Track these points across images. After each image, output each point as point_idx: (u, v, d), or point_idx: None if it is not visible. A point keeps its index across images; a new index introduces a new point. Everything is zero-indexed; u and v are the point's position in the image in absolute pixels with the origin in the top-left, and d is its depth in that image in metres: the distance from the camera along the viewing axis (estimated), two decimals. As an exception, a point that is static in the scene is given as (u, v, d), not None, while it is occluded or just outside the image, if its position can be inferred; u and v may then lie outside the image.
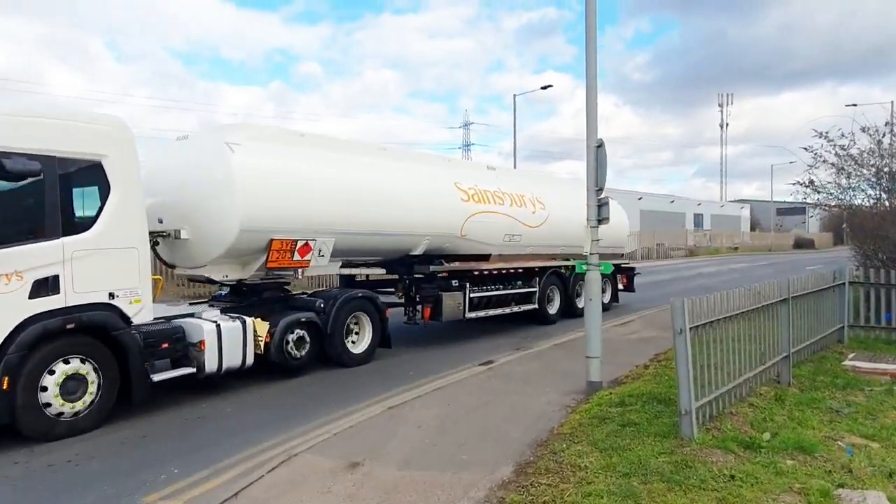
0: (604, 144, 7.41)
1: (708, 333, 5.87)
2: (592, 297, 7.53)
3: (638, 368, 8.74)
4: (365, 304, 9.33)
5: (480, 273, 11.43)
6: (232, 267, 8.29)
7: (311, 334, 8.56)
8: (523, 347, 10.69)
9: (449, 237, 10.79)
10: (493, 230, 11.64)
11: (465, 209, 10.97)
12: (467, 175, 11.61)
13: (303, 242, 8.38)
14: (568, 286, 13.78)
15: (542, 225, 12.96)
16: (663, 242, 46.86)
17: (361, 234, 9.30)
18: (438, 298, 10.54)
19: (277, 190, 8.08)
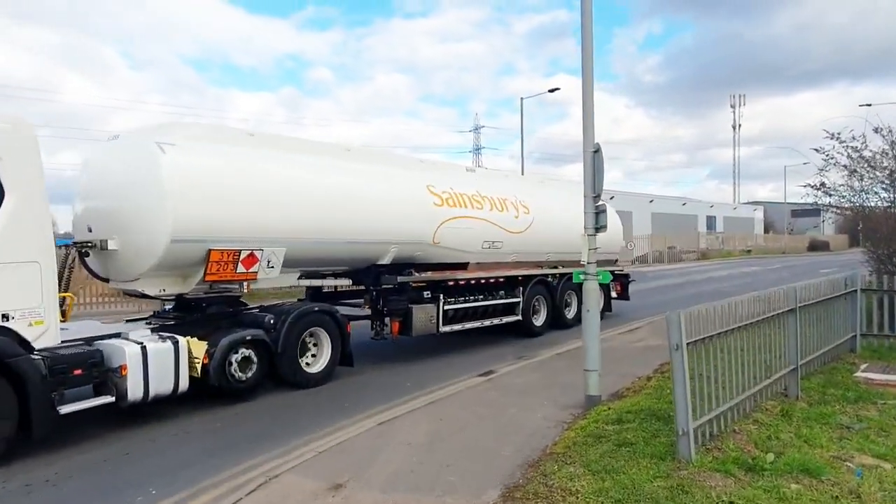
0: (601, 150, 6.96)
1: (708, 347, 5.51)
2: (590, 308, 7.08)
3: (640, 380, 8.29)
4: (322, 318, 8.51)
5: (456, 283, 10.59)
6: (169, 280, 7.48)
7: (259, 354, 7.75)
8: (526, 356, 10.35)
9: (420, 245, 9.97)
10: (470, 237, 10.81)
11: (438, 214, 10.15)
12: (442, 178, 10.79)
13: (247, 253, 7.57)
14: (556, 296, 12.92)
15: (527, 230, 12.12)
16: (675, 245, 46.04)
17: (318, 242, 8.49)
18: (408, 311, 9.71)
19: (217, 194, 7.28)
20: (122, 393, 6.38)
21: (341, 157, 9.37)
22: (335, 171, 8.92)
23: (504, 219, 11.57)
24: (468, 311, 10.89)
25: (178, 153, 7.06)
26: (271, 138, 8.61)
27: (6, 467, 5.53)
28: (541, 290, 12.58)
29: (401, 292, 9.77)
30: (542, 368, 9.41)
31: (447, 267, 10.68)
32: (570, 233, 13.36)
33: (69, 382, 6.04)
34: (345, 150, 9.52)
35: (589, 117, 7.12)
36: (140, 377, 6.45)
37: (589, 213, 7.05)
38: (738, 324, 5.98)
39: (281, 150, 8.47)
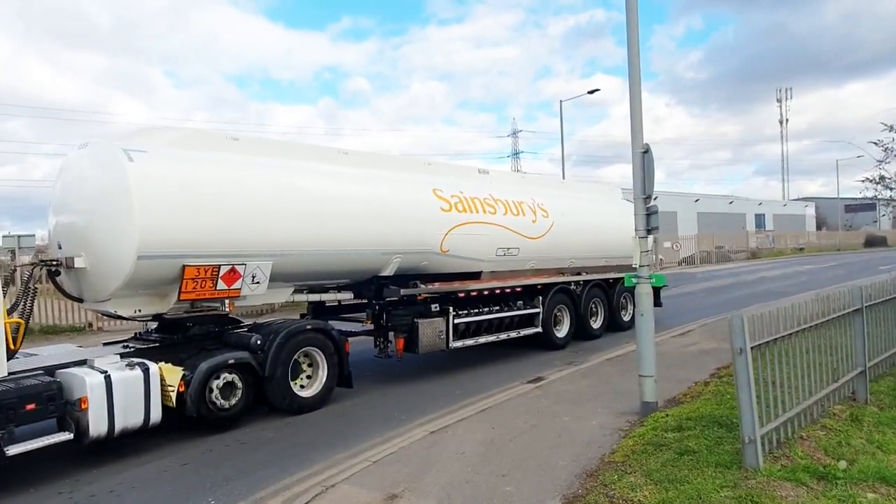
0: (650, 150, 6.77)
1: (773, 350, 5.30)
2: (644, 312, 6.83)
3: (697, 386, 7.97)
4: (316, 337, 7.79)
5: (468, 294, 9.77)
6: (144, 300, 6.86)
7: (244, 378, 7.07)
8: (575, 362, 10.17)
9: (426, 254, 9.19)
10: (482, 243, 9.98)
11: (445, 220, 9.36)
12: (450, 181, 10.00)
13: (228, 268, 6.90)
14: (579, 305, 11.98)
15: (546, 235, 11.24)
16: (723, 245, 44.61)
17: (311, 254, 7.78)
18: (413, 326, 8.93)
19: (193, 205, 6.62)
20: (82, 428, 5.75)
21: (337, 161, 8.66)
22: (329, 177, 8.21)
23: (520, 223, 10.71)
24: (481, 325, 10.06)
25: (147, 161, 6.43)
26: (259, 143, 7.95)
27: (73, 479, 5.67)
28: (563, 298, 11.67)
29: (405, 306, 9.00)
30: (592, 374, 9.13)
31: (457, 277, 9.88)
32: (594, 236, 12.47)
33: (21, 419, 5.42)
34: (341, 154, 8.81)
35: (637, 117, 6.82)
36: (103, 410, 5.81)
37: (640, 215, 6.80)
38: (803, 325, 5.70)
39: (269, 156, 7.80)
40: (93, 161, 6.61)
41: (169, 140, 7.03)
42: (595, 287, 12.49)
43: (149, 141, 6.84)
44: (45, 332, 14.81)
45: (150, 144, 6.74)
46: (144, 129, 7.28)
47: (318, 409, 7.77)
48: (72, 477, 5.77)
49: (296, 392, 7.57)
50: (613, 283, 13.14)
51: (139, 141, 6.82)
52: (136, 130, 7.28)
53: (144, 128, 7.32)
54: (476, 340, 9.91)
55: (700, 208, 50.62)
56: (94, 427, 5.76)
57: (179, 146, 7.01)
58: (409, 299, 9.02)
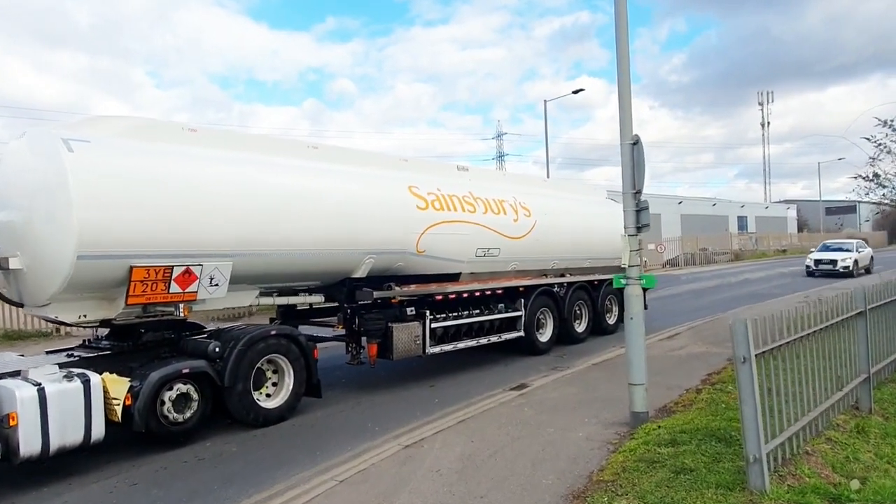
0: (640, 141, 6.31)
1: (776, 358, 4.88)
2: (634, 315, 6.40)
3: (689, 393, 7.56)
4: (281, 344, 7.25)
5: (446, 297, 9.28)
6: (90, 304, 6.27)
7: (201, 389, 6.52)
8: (559, 367, 9.83)
9: (401, 254, 8.69)
10: (461, 243, 9.50)
11: (422, 219, 8.86)
12: (427, 178, 9.51)
13: (182, 269, 6.34)
14: (563, 308, 11.54)
15: (528, 235, 10.79)
16: (706, 247, 44.59)
17: (276, 254, 7.25)
18: (387, 331, 8.41)
19: (142, 201, 6.06)
20: (12, 447, 5.16)
21: (305, 155, 8.13)
22: (296, 172, 7.68)
23: (501, 222, 10.25)
24: (461, 329, 9.57)
25: (90, 152, 5.86)
26: (219, 135, 7.40)
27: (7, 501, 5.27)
28: (546, 301, 11.22)
29: (379, 309, 8.48)
30: (578, 381, 8.69)
31: (435, 279, 9.39)
32: (579, 237, 12.06)
33: (-63, 437, 4.83)
34: (309, 149, 8.28)
35: (626, 107, 6.37)
36: (36, 427, 5.23)
37: (629, 211, 6.38)
38: (808, 330, 5.36)
39: (230, 149, 7.26)
40: (31, 152, 6.02)
41: (117, 130, 6.46)
42: (579, 289, 12.07)
43: (94, 131, 6.27)
44: (10, 338, 14.05)
45: (96, 134, 6.18)
46: (93, 119, 6.71)
47: (285, 420, 7.23)
48: (7, 500, 5.21)
49: (259, 403, 7.03)
50: (598, 285, 12.73)
51: (84, 131, 6.25)
52: (83, 120, 6.71)
53: (93, 117, 6.75)
54: (455, 345, 9.42)
55: (684, 210, 50.67)
56: (25, 445, 5.17)
57: (129, 137, 6.45)
58: (383, 302, 8.52)
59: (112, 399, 5.78)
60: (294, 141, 8.24)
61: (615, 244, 13.61)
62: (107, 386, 5.76)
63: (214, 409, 6.76)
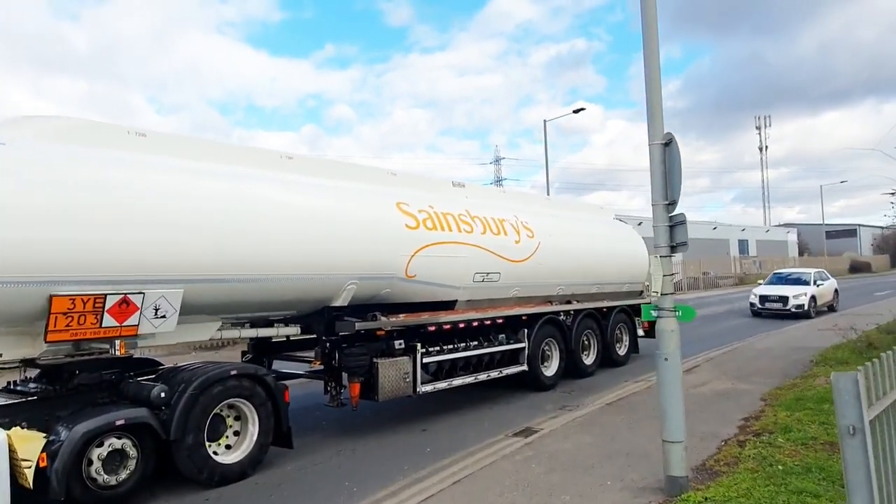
0: (674, 141, 5.20)
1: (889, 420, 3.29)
2: (669, 356, 5.13)
3: (729, 446, 6.24)
4: (243, 386, 6.13)
5: (440, 328, 8.18)
6: (7, 340, 5.17)
7: (141, 443, 5.39)
8: (569, 406, 8.73)
9: (388, 279, 7.62)
10: (456, 267, 8.44)
11: (412, 239, 7.82)
12: (418, 194, 8.50)
13: (117, 298, 5.25)
14: (570, 338, 10.44)
15: (531, 258, 9.74)
16: (709, 271, 43.51)
17: (238, 279, 6.17)
18: (372, 368, 7.30)
19: (68, 214, 5.01)
20: None
21: (278, 166, 7.11)
22: (265, 185, 6.65)
23: (501, 244, 9.20)
24: (456, 364, 8.46)
25: (5, 156, 4.83)
26: (174, 140, 6.37)
27: None
28: (551, 331, 10.12)
29: (363, 343, 7.38)
30: (592, 426, 7.45)
31: (427, 307, 8.30)
32: (586, 260, 11.03)
33: None
34: (283, 159, 7.27)
35: (654, 97, 5.24)
36: (-88, 501, 4.10)
37: (661, 227, 5.23)
38: None
39: (186, 157, 6.23)
40: (-66, 156, 4.98)
41: (46, 132, 5.43)
42: (587, 317, 10.99)
43: (16, 132, 5.25)
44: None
45: (16, 136, 5.15)
46: (17, 119, 5.68)
47: (248, 476, 6.09)
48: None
49: (216, 458, 5.88)
50: (607, 313, 11.66)
51: (4, 132, 5.22)
52: (6, 119, 5.69)
53: (19, 116, 5.73)
54: (450, 383, 8.29)
55: (684, 234, 49.94)
56: None
57: (60, 140, 5.42)
58: (368, 334, 7.41)
59: (21, 461, 4.64)
60: (264, 150, 7.23)
61: (625, 268, 12.62)
62: (14, 444, 4.63)
63: (163, 465, 5.63)
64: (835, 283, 22.54)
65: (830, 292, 22.00)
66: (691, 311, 5.17)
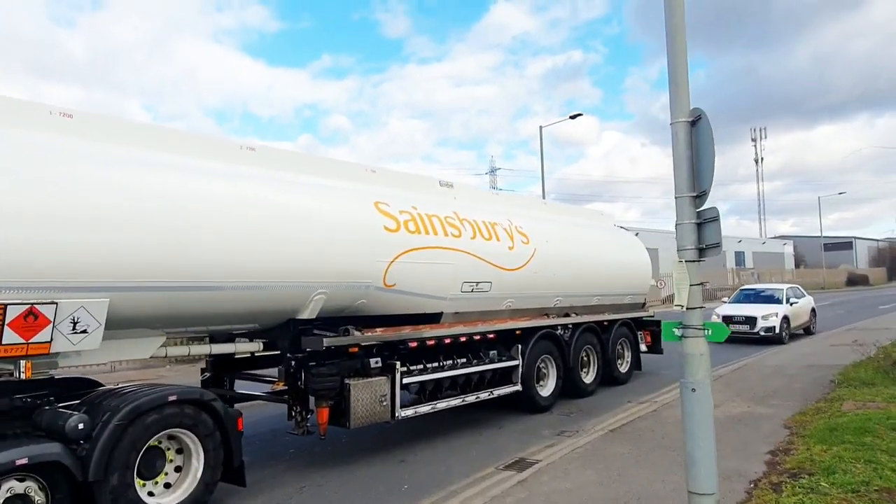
0: (704, 118, 4.11)
1: None
2: (698, 385, 4.19)
3: (762, 490, 5.15)
4: (185, 414, 5.17)
5: (422, 344, 7.25)
6: None
7: (52, 485, 4.43)
8: (567, 432, 7.81)
9: (363, 288, 6.70)
10: (442, 275, 7.53)
11: (391, 243, 6.91)
12: (400, 193, 7.61)
13: (21, 309, 4.32)
14: (568, 355, 9.53)
15: (526, 266, 8.84)
16: (706, 282, 42.77)
17: (183, 287, 5.25)
18: (344, 390, 6.36)
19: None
20: None
21: (235, 158, 6.21)
22: (218, 179, 5.73)
23: (493, 250, 8.30)
24: (441, 384, 7.54)
25: None
26: (109, 123, 5.44)
27: None
28: (548, 347, 9.20)
29: (333, 361, 6.44)
30: (596, 458, 6.42)
31: (409, 320, 7.38)
32: (586, 270, 10.15)
33: None
34: (243, 150, 6.36)
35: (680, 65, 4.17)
36: None
37: (687, 225, 4.21)
38: None
39: (119, 143, 5.32)
40: None
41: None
42: (587, 332, 10.08)
43: None
44: None
45: None
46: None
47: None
48: None
49: (149, 501, 4.93)
50: (608, 327, 10.76)
51: None
52: None
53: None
54: (433, 406, 7.35)
55: (681, 246, 49.37)
56: None
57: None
58: (339, 352, 6.48)
59: None
60: (220, 139, 6.32)
61: (628, 278, 11.72)
62: None
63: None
64: (811, 302, 19.57)
65: (807, 312, 18.97)
66: (723, 329, 4.27)
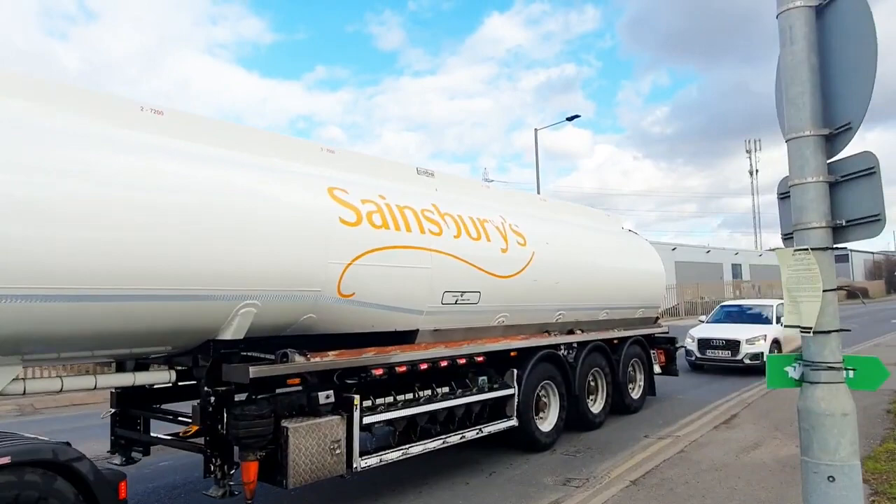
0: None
1: None
2: (836, 473, 2.44)
3: None
4: (27, 483, 3.53)
5: (390, 371, 5.63)
6: None
7: None
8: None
9: (310, 298, 5.08)
10: (417, 283, 5.93)
11: (349, 240, 5.31)
12: (364, 180, 6.05)
13: None
14: (572, 379, 7.95)
15: (523, 272, 7.26)
16: (703, 296, 41.46)
17: (42, 297, 3.63)
18: (279, 438, 4.73)
19: None
20: None
21: (135, 124, 4.62)
22: (100, 147, 4.14)
23: (482, 253, 6.72)
24: (416, 422, 5.91)
25: None
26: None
27: None
28: (548, 371, 7.62)
29: (267, 396, 4.82)
30: None
31: (374, 339, 5.76)
32: (594, 277, 8.58)
33: None
34: (147, 114, 4.75)
35: None
36: None
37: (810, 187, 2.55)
38: None
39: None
40: None
41: None
42: (594, 351, 8.51)
43: None
44: None
45: None
46: None
47: None
48: None
49: None
50: (618, 345, 9.19)
51: None
52: None
53: None
54: (404, 452, 5.72)
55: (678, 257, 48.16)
56: None
57: None
58: (273, 382, 4.87)
59: None
60: (116, 98, 4.71)
61: (640, 289, 10.13)
62: None
63: None
64: None
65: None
66: (880, 368, 2.62)
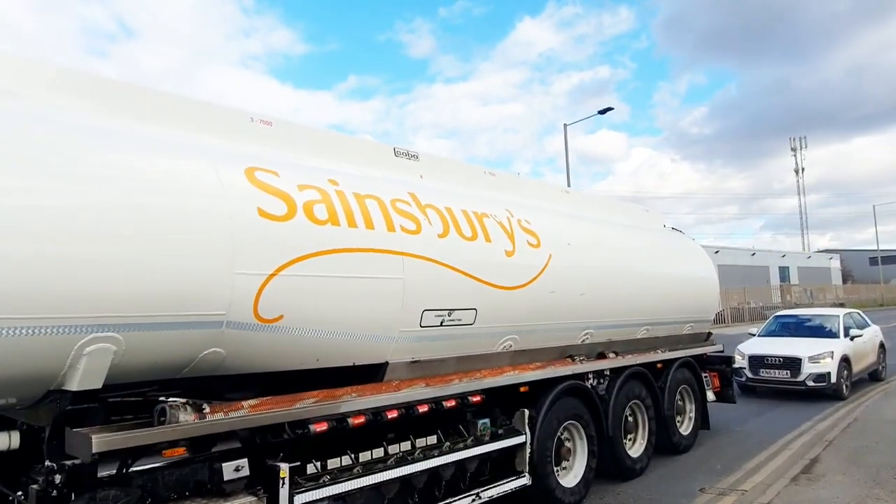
0: None
1: None
2: None
3: None
4: None
5: (341, 425, 4.00)
6: None
7: None
8: None
9: (211, 327, 3.48)
10: (382, 297, 4.29)
11: (273, 240, 3.70)
12: (307, 160, 4.47)
13: None
14: (604, 418, 6.19)
15: (536, 282, 5.55)
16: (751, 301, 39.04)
17: None
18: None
19: None
20: None
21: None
22: None
23: (480, 257, 5.04)
24: (382, 493, 4.26)
25: None
26: None
27: None
28: (572, 408, 5.89)
29: (142, 471, 3.25)
30: None
31: (317, 378, 4.14)
32: (630, 285, 6.82)
33: None
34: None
35: None
36: None
37: None
38: None
39: None
40: None
41: None
42: (632, 379, 6.74)
43: None
44: None
45: None
46: None
47: None
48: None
49: None
50: (663, 370, 7.39)
51: None
52: None
53: None
54: (363, 539, 4.07)
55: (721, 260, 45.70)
56: None
57: None
58: (151, 452, 3.29)
59: None
60: None
61: (689, 298, 8.25)
62: None
63: None
64: (878, 334, 13.44)
65: (874, 349, 12.96)
66: None
